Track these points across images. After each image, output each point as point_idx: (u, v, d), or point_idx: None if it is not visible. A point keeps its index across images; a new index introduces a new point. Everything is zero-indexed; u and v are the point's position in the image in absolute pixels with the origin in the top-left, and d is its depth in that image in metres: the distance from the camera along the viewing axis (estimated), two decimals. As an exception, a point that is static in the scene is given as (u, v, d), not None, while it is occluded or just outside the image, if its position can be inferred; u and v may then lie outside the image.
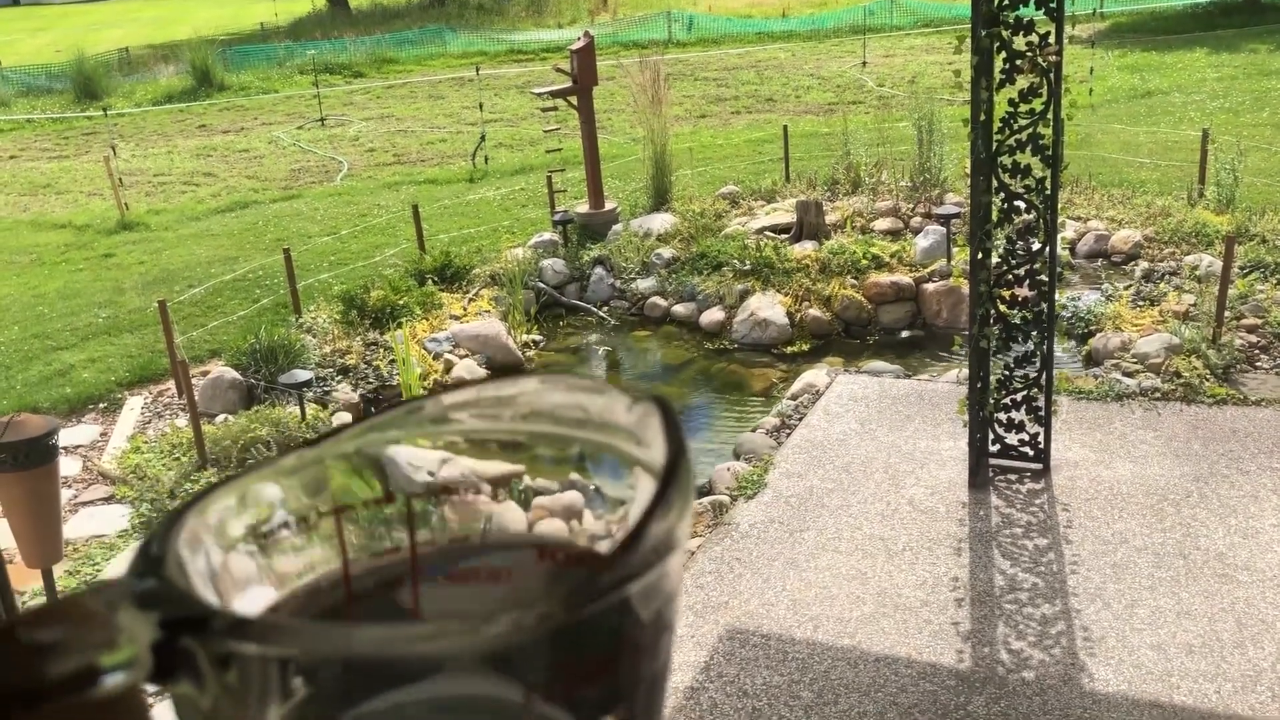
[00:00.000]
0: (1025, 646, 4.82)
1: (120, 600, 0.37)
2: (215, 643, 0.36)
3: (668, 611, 0.41)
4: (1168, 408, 6.72)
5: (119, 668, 0.36)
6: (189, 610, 0.37)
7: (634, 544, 0.38)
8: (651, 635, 0.40)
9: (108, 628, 0.36)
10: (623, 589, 0.38)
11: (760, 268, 9.29)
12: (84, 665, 0.35)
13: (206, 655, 0.36)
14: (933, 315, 8.92)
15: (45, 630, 0.36)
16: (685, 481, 0.41)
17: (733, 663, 4.86)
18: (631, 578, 0.38)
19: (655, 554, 0.38)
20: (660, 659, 0.42)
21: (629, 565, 0.38)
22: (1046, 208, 5.66)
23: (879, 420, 6.89)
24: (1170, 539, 5.48)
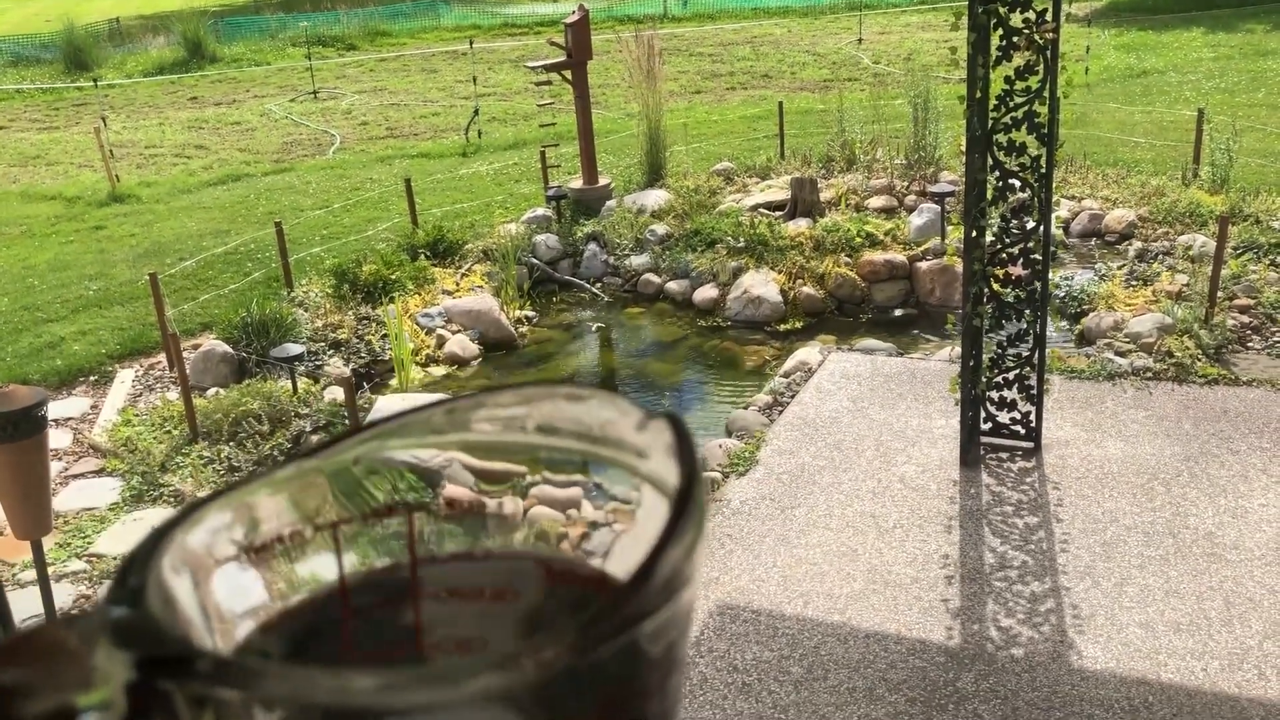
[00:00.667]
0: (1014, 624, 4.84)
1: (95, 634, 0.35)
2: (194, 686, 0.35)
3: (679, 648, 0.40)
4: (1159, 387, 6.73)
5: (93, 709, 0.34)
6: (167, 650, 0.35)
7: (647, 577, 0.36)
8: (661, 674, 0.39)
9: (82, 666, 0.35)
10: (634, 629, 0.36)
11: (754, 245, 9.28)
12: (57, 707, 0.34)
13: (184, 698, 0.35)
14: (926, 293, 8.92)
15: (17, 668, 0.34)
16: (699, 508, 0.39)
17: (723, 638, 4.88)
18: (644, 616, 0.36)
19: (669, 589, 0.37)
20: (669, 698, 0.40)
21: (641, 602, 0.36)
22: (1041, 186, 5.66)
23: (871, 398, 6.89)
24: (1160, 518, 5.49)
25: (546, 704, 0.36)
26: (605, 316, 9.38)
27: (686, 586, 0.38)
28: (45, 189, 13.53)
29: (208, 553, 0.42)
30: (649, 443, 0.44)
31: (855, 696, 4.49)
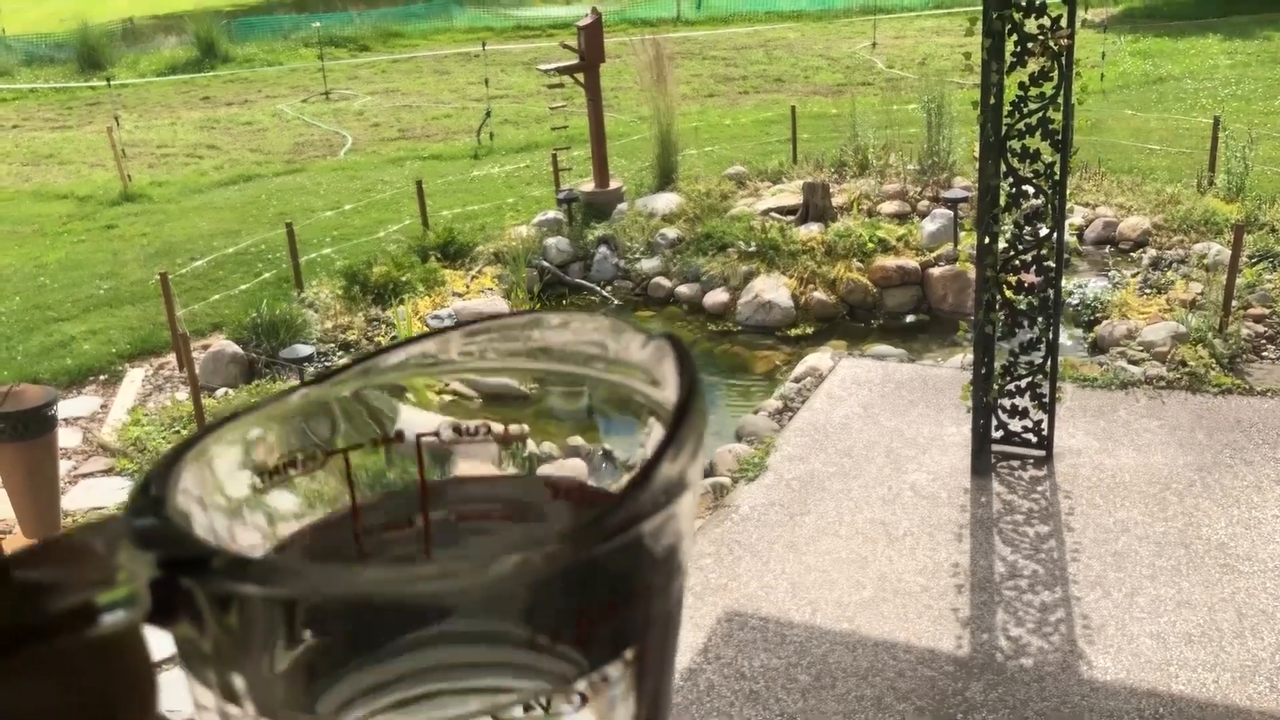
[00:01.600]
0: (1024, 633, 4.81)
1: (118, 538, 0.36)
2: (215, 583, 0.35)
3: (679, 553, 0.40)
4: (1173, 396, 6.69)
5: (117, 606, 0.34)
6: (189, 551, 0.36)
7: (645, 481, 0.37)
8: (663, 576, 0.40)
9: (105, 566, 0.35)
10: (634, 528, 0.37)
11: (765, 249, 9.26)
12: (81, 603, 0.34)
13: (206, 596, 0.35)
14: (938, 300, 8.88)
15: (40, 569, 0.35)
16: (698, 420, 0.40)
17: (731, 645, 4.85)
18: (642, 516, 0.37)
19: (667, 493, 0.38)
20: (672, 600, 0.41)
21: (640, 503, 0.37)
22: (1055, 193, 5.63)
23: (882, 404, 6.86)
24: (1172, 528, 5.46)
25: (553, 599, 0.37)
26: (615, 320, 9.34)
27: (686, 491, 0.38)
28: (57, 188, 13.56)
29: (221, 474, 0.43)
30: (651, 362, 0.45)
31: (863, 705, 4.47)
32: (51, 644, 0.33)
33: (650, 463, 0.38)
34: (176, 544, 0.36)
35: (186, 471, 0.41)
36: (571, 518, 0.46)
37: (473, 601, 0.36)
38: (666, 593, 0.40)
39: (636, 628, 0.39)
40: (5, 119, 18.35)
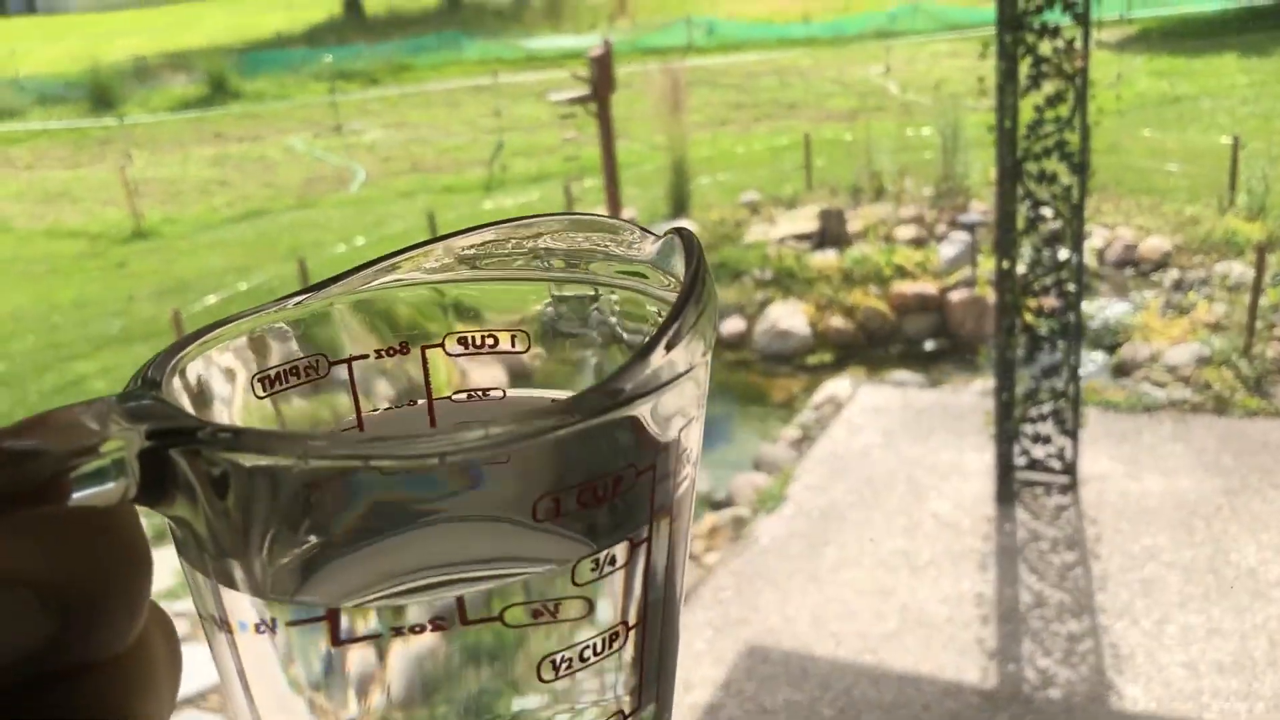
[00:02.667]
0: (1051, 664, 4.74)
1: (109, 412, 0.34)
2: (206, 452, 0.34)
3: (687, 438, 0.40)
4: (1198, 420, 6.61)
5: (103, 475, 0.33)
6: (179, 423, 0.35)
7: (648, 354, 0.36)
8: (668, 460, 0.39)
9: (93, 436, 0.33)
10: (635, 402, 0.36)
11: (781, 277, 9.22)
12: (65, 469, 0.32)
13: (196, 468, 0.34)
14: (957, 325, 8.81)
15: (24, 438, 0.33)
16: (705, 297, 0.39)
17: (753, 680, 4.79)
18: (645, 391, 0.36)
19: (671, 369, 0.37)
20: (681, 489, 0.40)
21: (642, 377, 0.36)
22: (1073, 215, 5.59)
23: (902, 432, 6.80)
24: (1200, 554, 5.37)
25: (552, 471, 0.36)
26: (630, 350, 9.30)
27: (693, 370, 0.38)
28: (70, 226, 13.62)
29: (221, 376, 0.42)
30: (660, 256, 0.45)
31: (890, 742, 4.40)
32: (35, 512, 0.32)
33: (654, 338, 0.37)
34: (167, 417, 0.35)
35: (185, 366, 0.40)
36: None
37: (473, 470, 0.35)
38: (674, 478, 0.40)
39: (642, 511, 0.39)
40: (19, 159, 18.46)
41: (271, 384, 0.44)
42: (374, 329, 0.47)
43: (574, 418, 0.35)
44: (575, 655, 0.38)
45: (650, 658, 0.41)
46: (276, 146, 17.84)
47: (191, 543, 0.37)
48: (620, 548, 0.38)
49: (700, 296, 0.39)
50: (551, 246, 0.48)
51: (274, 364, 0.44)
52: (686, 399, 0.39)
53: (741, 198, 11.48)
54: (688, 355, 0.38)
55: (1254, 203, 9.69)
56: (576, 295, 0.48)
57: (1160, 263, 9.19)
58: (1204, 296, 8.29)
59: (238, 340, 0.43)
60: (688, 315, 0.38)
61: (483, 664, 0.38)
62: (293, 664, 0.38)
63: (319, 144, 17.80)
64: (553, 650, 0.38)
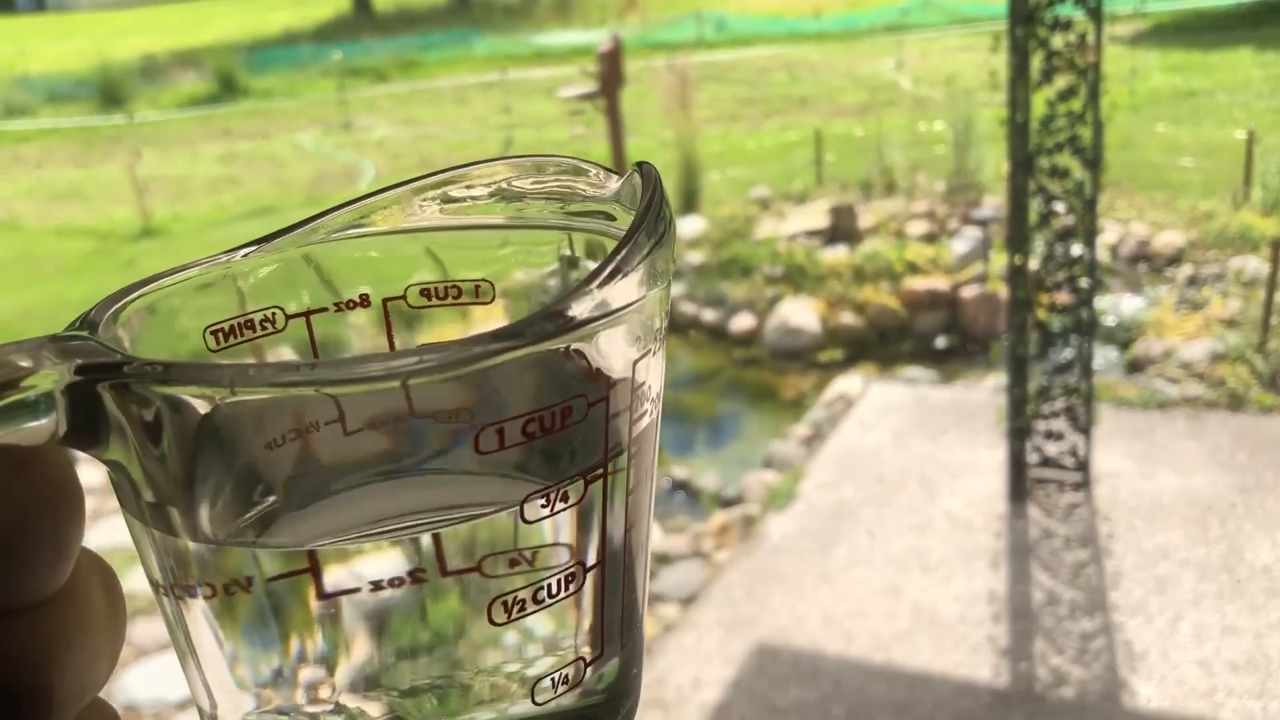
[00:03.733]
0: (1064, 663, 4.71)
1: (40, 350, 0.34)
2: (136, 387, 0.33)
3: (644, 371, 0.39)
4: (1212, 416, 6.58)
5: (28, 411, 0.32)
6: (110, 358, 0.34)
7: (594, 279, 0.35)
8: (624, 393, 0.38)
9: (17, 372, 0.33)
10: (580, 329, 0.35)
11: (791, 273, 9.19)
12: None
13: (127, 407, 0.33)
14: (969, 321, 8.77)
15: None
16: (658, 228, 0.38)
17: (763, 679, 4.77)
18: (590, 319, 0.35)
19: (621, 296, 0.36)
20: (640, 424, 0.39)
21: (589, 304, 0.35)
22: (1086, 211, 5.56)
23: (914, 430, 6.78)
24: (1215, 552, 5.34)
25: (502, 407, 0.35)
26: (640, 347, 9.28)
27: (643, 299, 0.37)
28: (79, 225, 13.64)
29: (171, 325, 0.41)
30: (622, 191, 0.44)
31: (902, 743, 4.38)
32: None
33: (601, 265, 0.36)
34: (98, 354, 0.34)
35: (129, 312, 0.39)
36: None
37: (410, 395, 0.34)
38: (631, 413, 0.39)
39: (596, 446, 0.37)
40: (28, 157, 18.50)
41: (225, 337, 0.43)
42: (333, 281, 0.46)
43: (514, 342, 0.34)
44: (529, 596, 0.37)
45: (612, 602, 0.40)
46: (285, 144, 17.84)
47: (129, 491, 0.36)
48: (574, 485, 0.37)
49: (654, 226, 0.38)
50: (516, 189, 0.47)
51: (228, 316, 0.43)
52: (640, 330, 0.38)
53: (751, 193, 11.45)
54: (639, 285, 0.37)
55: (1269, 197, 9.64)
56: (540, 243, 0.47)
57: (1174, 258, 9.15)
58: (1218, 292, 8.25)
59: (189, 288, 0.42)
60: (639, 244, 0.37)
61: (429, 610, 0.37)
62: (242, 625, 0.37)
63: (328, 141, 17.80)
64: (505, 591, 0.37)
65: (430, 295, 0.46)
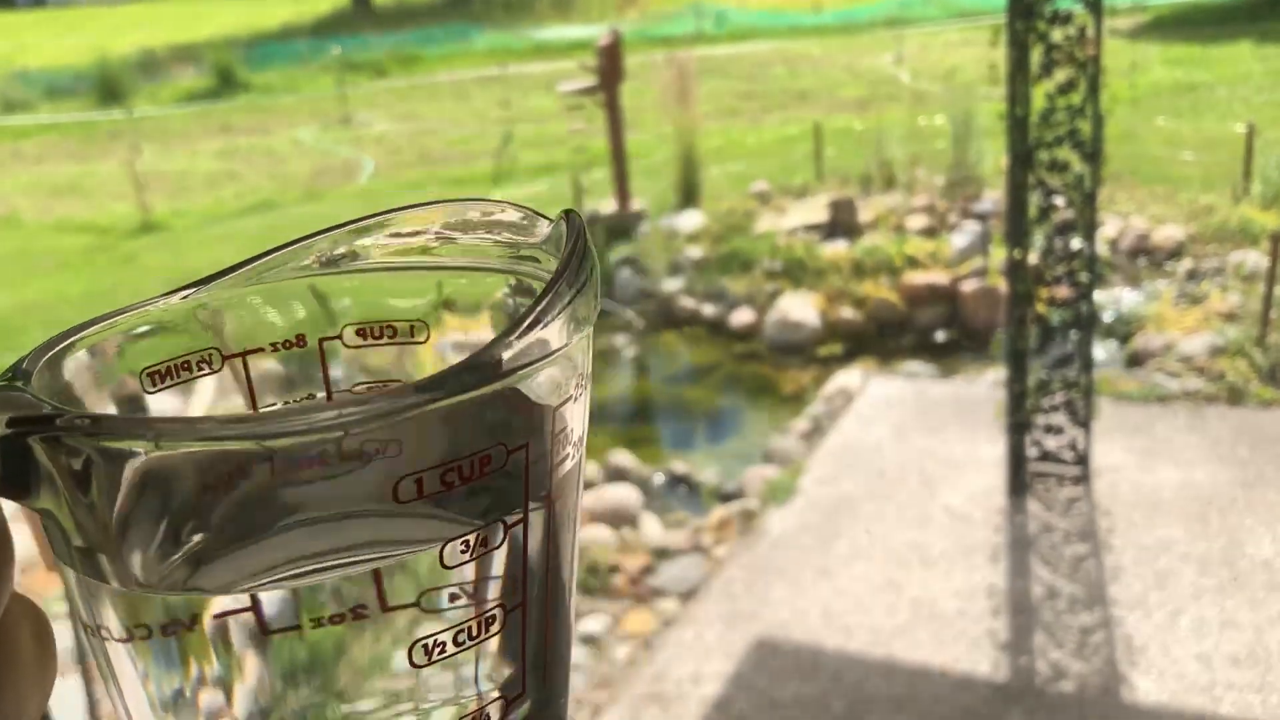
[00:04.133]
0: (1064, 657, 4.71)
1: None
2: (66, 440, 0.34)
3: (566, 416, 0.39)
4: (1213, 410, 6.58)
5: None
6: (39, 410, 0.35)
7: (514, 330, 0.36)
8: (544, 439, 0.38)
9: None
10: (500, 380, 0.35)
11: (791, 267, 9.19)
12: None
13: (57, 458, 0.34)
14: (969, 315, 8.76)
15: None
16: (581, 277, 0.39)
17: (763, 673, 4.77)
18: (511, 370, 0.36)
19: (542, 345, 0.37)
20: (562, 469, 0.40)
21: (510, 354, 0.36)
22: (1086, 204, 5.56)
23: (914, 424, 6.78)
24: (1215, 546, 5.34)
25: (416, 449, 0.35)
26: (639, 341, 9.28)
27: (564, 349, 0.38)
28: (79, 220, 13.64)
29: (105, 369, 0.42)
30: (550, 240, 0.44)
31: (901, 737, 4.38)
32: None
33: (522, 316, 0.37)
34: (29, 406, 0.35)
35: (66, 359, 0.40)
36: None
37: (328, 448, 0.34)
38: (551, 459, 0.39)
39: (516, 492, 0.38)
40: (27, 152, 18.50)
41: (162, 378, 0.44)
42: (270, 322, 0.46)
43: (433, 395, 0.34)
44: (449, 638, 0.37)
45: (533, 643, 0.40)
46: (284, 139, 17.83)
47: (59, 537, 0.36)
48: (493, 529, 0.38)
49: (575, 275, 0.39)
50: (449, 232, 0.47)
51: (164, 358, 0.44)
52: (562, 378, 0.39)
53: (751, 188, 11.44)
54: (561, 333, 0.38)
55: (1269, 191, 9.62)
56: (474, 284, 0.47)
57: (1174, 252, 9.14)
58: (1218, 286, 8.25)
59: (124, 332, 0.43)
60: (560, 293, 0.38)
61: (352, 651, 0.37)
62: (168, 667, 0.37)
63: (327, 136, 17.79)
64: (425, 634, 0.37)
65: (366, 335, 0.47)
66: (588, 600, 5.45)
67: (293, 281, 0.47)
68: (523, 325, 0.36)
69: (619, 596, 5.45)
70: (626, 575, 5.56)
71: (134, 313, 0.43)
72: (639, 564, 5.61)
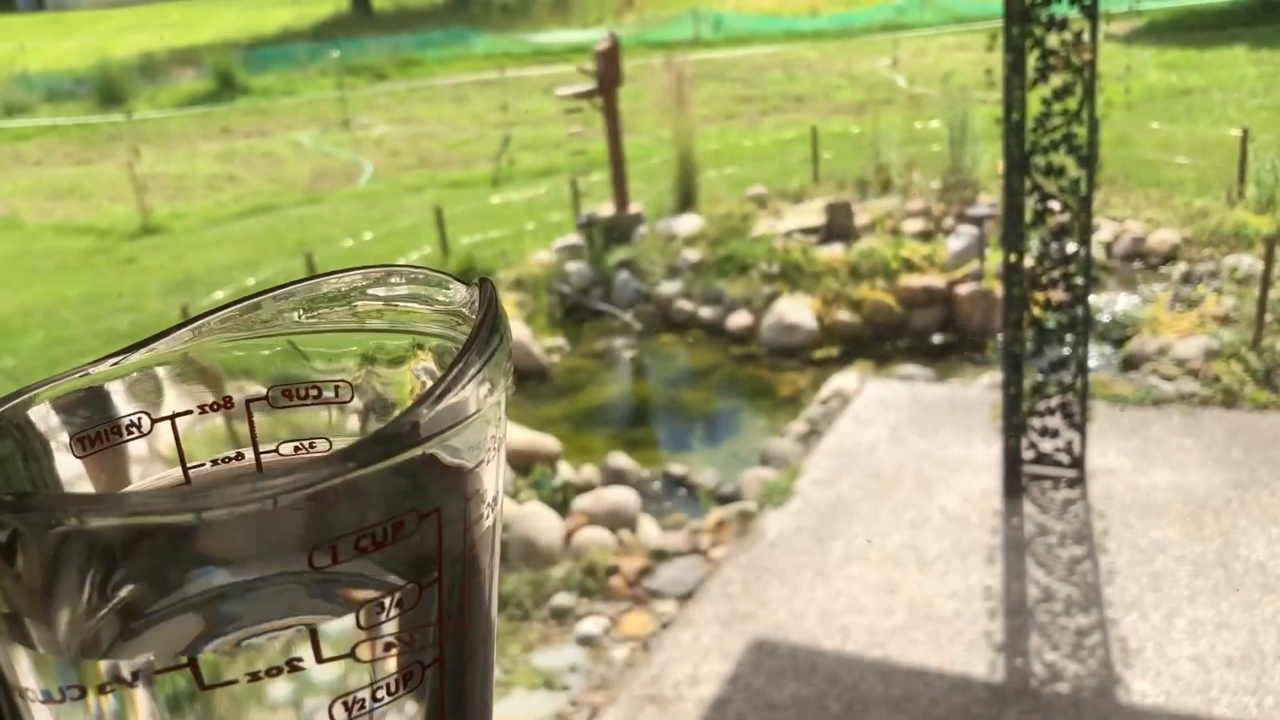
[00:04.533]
0: (1060, 658, 4.73)
1: None
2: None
3: (476, 481, 0.40)
4: (1207, 413, 6.60)
5: None
6: None
7: (426, 401, 0.37)
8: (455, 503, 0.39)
9: None
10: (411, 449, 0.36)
11: (788, 271, 9.20)
12: None
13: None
14: (965, 319, 8.79)
15: None
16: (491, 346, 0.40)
17: (760, 674, 4.78)
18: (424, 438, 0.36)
19: (453, 412, 0.37)
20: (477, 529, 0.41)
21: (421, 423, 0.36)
22: (1081, 209, 5.57)
23: (910, 426, 6.79)
24: (1210, 548, 5.36)
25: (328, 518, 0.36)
26: (638, 344, 9.30)
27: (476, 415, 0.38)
28: (78, 222, 13.64)
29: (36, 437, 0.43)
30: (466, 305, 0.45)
31: (897, 737, 4.39)
32: None
33: (432, 386, 0.37)
34: None
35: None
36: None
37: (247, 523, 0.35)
38: (466, 520, 0.40)
39: (430, 554, 0.39)
40: (27, 154, 18.50)
41: (92, 443, 0.44)
42: (197, 385, 0.47)
43: (351, 465, 0.35)
44: (368, 695, 0.39)
45: (452, 698, 0.41)
46: (284, 142, 17.84)
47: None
48: (408, 590, 0.39)
49: (484, 345, 0.40)
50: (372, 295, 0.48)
51: (94, 423, 0.44)
52: (475, 442, 0.39)
53: (748, 191, 11.46)
54: (473, 399, 0.38)
55: (1263, 195, 9.64)
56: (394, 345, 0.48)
57: (1169, 255, 9.17)
58: (1213, 289, 8.27)
59: (54, 400, 0.43)
60: (469, 363, 0.39)
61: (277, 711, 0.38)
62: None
63: (326, 139, 17.80)
64: (345, 691, 0.38)
65: (292, 395, 0.48)
66: (586, 602, 5.47)
67: (221, 344, 0.48)
68: (435, 393, 0.37)
69: (617, 598, 5.46)
70: (624, 577, 5.57)
71: (65, 380, 0.44)
72: (637, 566, 5.62)
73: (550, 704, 4.79)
